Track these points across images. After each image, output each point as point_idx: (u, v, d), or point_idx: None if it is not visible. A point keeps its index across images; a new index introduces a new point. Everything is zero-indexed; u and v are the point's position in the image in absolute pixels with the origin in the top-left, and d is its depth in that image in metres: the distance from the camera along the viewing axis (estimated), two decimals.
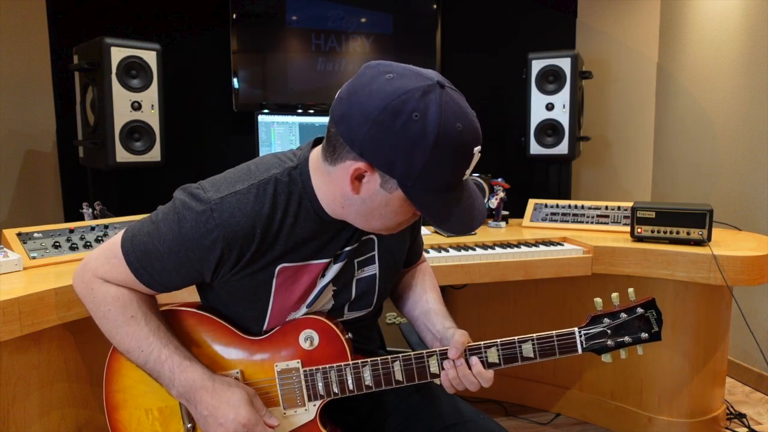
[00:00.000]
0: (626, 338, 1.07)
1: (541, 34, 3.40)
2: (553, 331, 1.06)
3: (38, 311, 1.37)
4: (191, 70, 3.01)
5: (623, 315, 1.07)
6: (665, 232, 2.05)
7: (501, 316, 2.50)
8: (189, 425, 1.09)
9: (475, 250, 2.07)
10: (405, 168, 0.88)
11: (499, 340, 1.07)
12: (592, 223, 2.38)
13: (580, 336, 1.06)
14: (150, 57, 2.37)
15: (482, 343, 1.07)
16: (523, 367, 2.49)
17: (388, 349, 1.29)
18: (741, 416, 2.40)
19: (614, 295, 1.09)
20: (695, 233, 2.01)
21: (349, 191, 0.94)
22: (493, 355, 1.07)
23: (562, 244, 2.17)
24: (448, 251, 2.04)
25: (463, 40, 3.36)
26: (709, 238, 2.00)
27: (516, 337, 1.07)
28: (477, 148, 0.91)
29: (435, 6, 3.25)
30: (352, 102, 0.89)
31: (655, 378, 2.21)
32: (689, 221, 2.02)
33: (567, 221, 2.43)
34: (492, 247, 2.11)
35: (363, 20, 3.18)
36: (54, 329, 1.46)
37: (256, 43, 3.03)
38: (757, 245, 2.05)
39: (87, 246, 1.78)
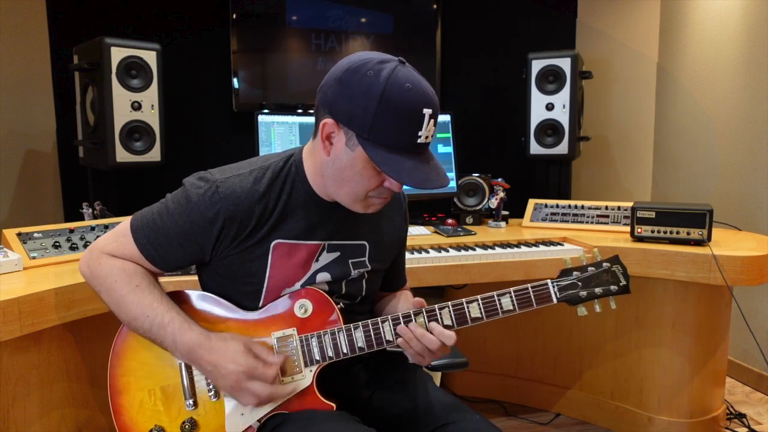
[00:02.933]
0: (597, 290, 1.15)
1: (541, 34, 3.40)
2: (529, 284, 1.14)
3: (38, 311, 1.37)
4: (191, 70, 3.00)
5: (591, 269, 1.16)
6: (665, 232, 2.06)
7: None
8: (190, 400, 1.14)
9: (475, 250, 2.07)
10: (360, 119, 1.00)
11: (479, 296, 1.14)
12: (592, 223, 2.38)
13: (554, 287, 1.14)
14: (150, 57, 2.37)
15: (464, 299, 1.14)
16: (523, 367, 2.51)
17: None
18: (741, 416, 2.40)
19: (581, 253, 1.20)
20: (695, 233, 2.01)
21: (323, 154, 1.07)
22: (474, 310, 1.14)
23: (562, 244, 2.17)
24: (448, 251, 2.04)
25: (463, 40, 3.36)
26: (709, 238, 2.00)
27: (495, 292, 1.14)
28: (427, 110, 1.01)
29: (435, 6, 3.25)
30: (328, 75, 1.06)
31: (655, 378, 2.21)
32: (689, 221, 2.02)
33: (567, 221, 2.43)
34: (492, 247, 2.11)
35: (363, 20, 3.18)
36: (54, 329, 1.46)
37: (256, 43, 3.03)
38: (757, 245, 2.05)
39: (87, 246, 1.78)
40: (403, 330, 1.12)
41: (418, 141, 1.02)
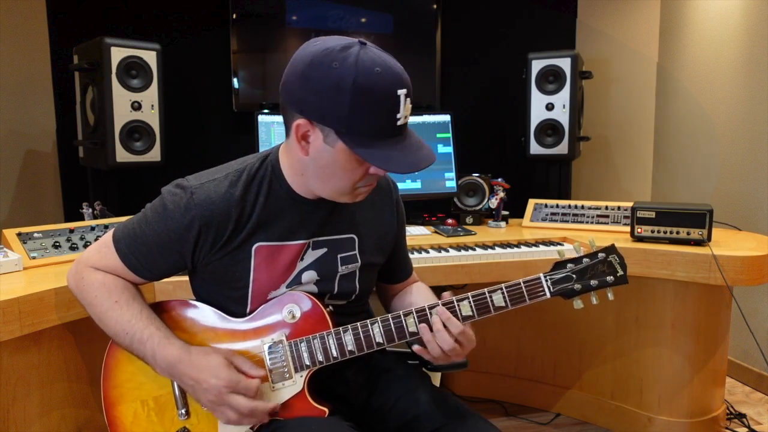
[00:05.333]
0: (592, 281, 1.11)
1: (541, 34, 3.39)
2: (521, 279, 1.11)
3: (38, 311, 1.37)
4: (191, 70, 3.00)
5: (586, 260, 1.12)
6: (665, 232, 2.05)
7: (501, 316, 2.48)
8: (183, 410, 1.14)
9: (475, 250, 2.07)
10: (335, 115, 0.96)
11: (470, 293, 1.11)
12: (592, 223, 2.38)
13: (546, 281, 1.11)
14: (150, 57, 2.37)
15: (454, 297, 1.12)
16: (523, 367, 2.51)
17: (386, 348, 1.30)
18: (741, 416, 2.40)
19: (576, 244, 1.15)
20: (695, 233, 2.01)
21: (301, 154, 1.04)
22: (466, 308, 1.11)
23: (562, 244, 2.17)
24: (448, 251, 2.04)
25: (463, 40, 3.36)
26: (709, 238, 2.00)
27: (486, 289, 1.11)
28: (402, 91, 0.97)
29: (435, 6, 3.25)
30: (289, 70, 1.01)
31: (655, 378, 2.21)
32: (689, 221, 2.02)
33: (567, 221, 2.43)
34: (492, 247, 2.11)
35: (363, 20, 3.18)
36: (54, 329, 1.46)
37: (256, 43, 3.03)
38: (757, 245, 2.05)
39: (87, 246, 1.78)
40: (424, 329, 1.09)
41: (398, 123, 0.99)
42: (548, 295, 1.11)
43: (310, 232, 1.15)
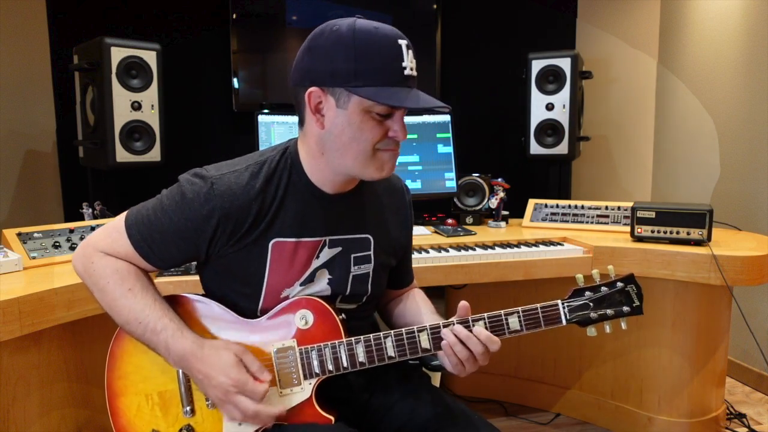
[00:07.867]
0: (608, 311, 1.10)
1: (541, 34, 3.40)
2: (538, 304, 1.09)
3: (38, 311, 1.37)
4: (191, 70, 3.00)
5: (604, 288, 1.11)
6: (665, 232, 2.06)
7: None
8: (188, 407, 1.12)
9: (475, 250, 2.07)
10: (343, 70, 1.00)
11: (486, 314, 1.09)
12: (592, 223, 2.38)
13: (564, 308, 1.10)
14: (150, 57, 2.37)
15: (469, 317, 1.09)
16: (523, 367, 2.51)
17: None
18: (741, 416, 2.40)
19: (594, 271, 1.13)
20: (695, 233, 2.01)
21: (317, 129, 1.05)
22: (480, 328, 1.08)
23: (562, 244, 2.17)
24: (448, 251, 2.04)
25: (463, 40, 3.36)
26: (709, 238, 2.00)
27: (502, 311, 1.09)
28: (402, 41, 1.03)
29: (435, 6, 3.25)
30: (295, 59, 1.08)
31: (655, 378, 2.21)
32: (689, 221, 2.02)
33: (567, 221, 2.43)
34: (492, 247, 2.11)
35: None
36: (54, 329, 1.46)
37: (256, 43, 3.03)
38: (757, 245, 2.05)
39: None
40: (447, 333, 1.06)
41: (405, 73, 1.02)
42: (564, 322, 1.10)
43: (327, 229, 1.14)
